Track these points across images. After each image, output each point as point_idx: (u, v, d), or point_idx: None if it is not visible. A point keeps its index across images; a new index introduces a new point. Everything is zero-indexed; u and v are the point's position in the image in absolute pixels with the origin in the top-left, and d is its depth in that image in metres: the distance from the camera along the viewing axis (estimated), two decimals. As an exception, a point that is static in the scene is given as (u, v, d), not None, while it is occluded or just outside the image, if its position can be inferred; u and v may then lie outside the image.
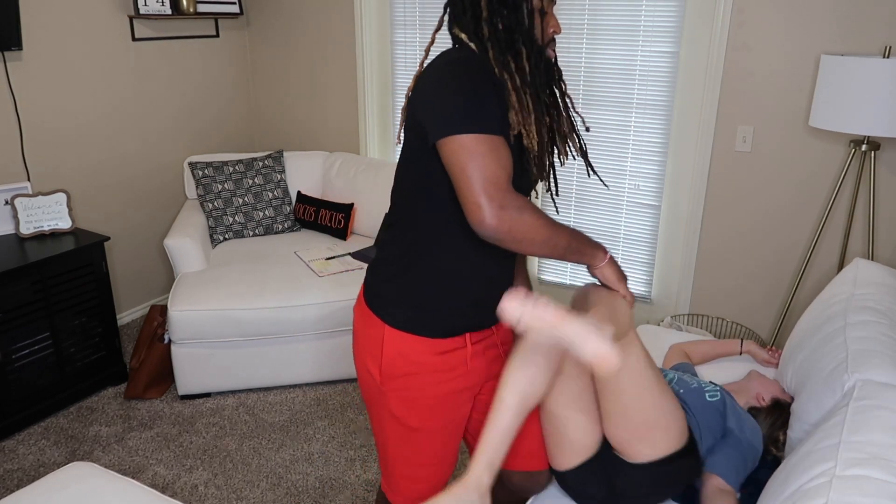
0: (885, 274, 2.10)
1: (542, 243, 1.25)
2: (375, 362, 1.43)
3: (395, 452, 1.50)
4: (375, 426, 1.53)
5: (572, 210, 3.44)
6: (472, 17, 1.29)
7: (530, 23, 1.31)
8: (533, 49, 1.32)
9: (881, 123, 2.31)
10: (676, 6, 2.94)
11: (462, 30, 1.32)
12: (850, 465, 1.23)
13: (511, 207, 1.18)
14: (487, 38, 1.28)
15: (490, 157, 1.18)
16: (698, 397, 1.76)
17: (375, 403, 1.48)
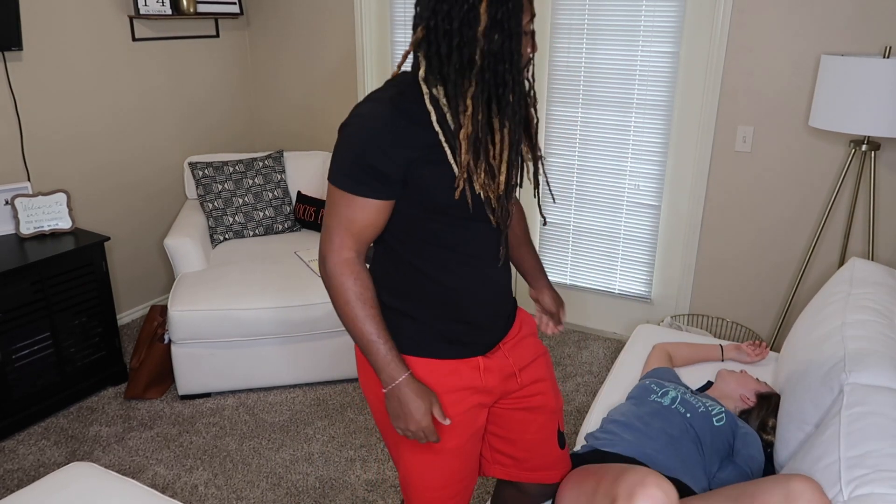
0: (883, 273, 2.10)
1: (341, 317, 1.32)
2: (375, 390, 1.43)
3: (421, 477, 1.47)
4: (394, 452, 1.50)
5: (572, 210, 3.44)
6: (458, 45, 1.19)
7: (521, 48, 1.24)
8: (519, 76, 1.25)
9: (881, 123, 2.31)
10: (676, 6, 2.94)
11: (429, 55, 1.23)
12: (855, 486, 1.24)
13: (329, 271, 1.30)
14: (476, 72, 1.20)
15: (337, 213, 1.27)
16: (706, 422, 1.75)
17: (392, 430, 1.46)
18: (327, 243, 1.29)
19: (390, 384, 1.32)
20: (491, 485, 2.44)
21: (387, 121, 1.22)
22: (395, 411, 1.34)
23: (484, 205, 1.30)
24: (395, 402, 1.33)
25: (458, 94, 1.22)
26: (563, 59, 3.25)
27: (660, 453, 1.64)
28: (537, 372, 1.56)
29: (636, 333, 2.58)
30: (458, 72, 1.21)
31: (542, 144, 3.42)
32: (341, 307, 1.31)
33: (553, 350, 3.36)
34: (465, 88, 1.22)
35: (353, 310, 1.30)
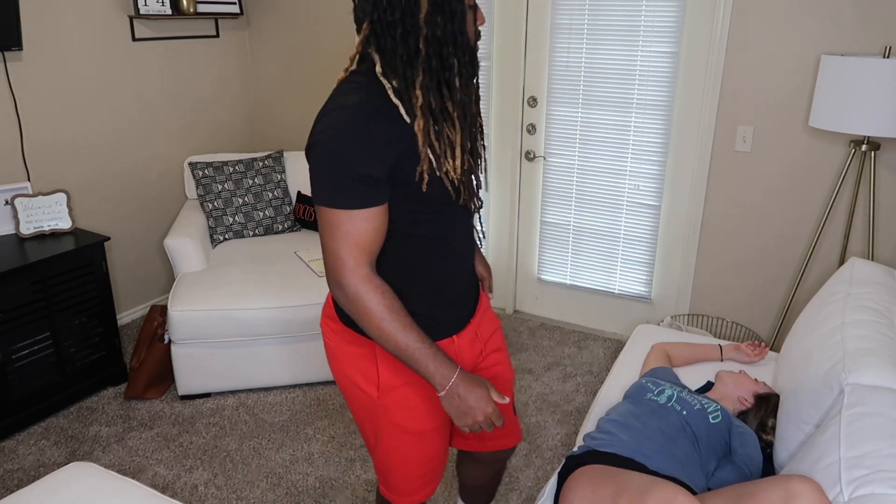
0: (883, 273, 2.10)
1: (376, 336, 1.28)
2: (370, 380, 1.43)
3: (400, 458, 1.51)
4: (373, 438, 1.52)
5: (572, 210, 3.44)
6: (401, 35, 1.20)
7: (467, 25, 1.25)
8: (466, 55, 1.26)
9: (881, 123, 2.31)
10: (676, 6, 2.94)
11: (380, 50, 1.23)
12: (855, 486, 1.24)
13: (352, 294, 1.25)
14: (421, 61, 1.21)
15: (342, 233, 1.23)
16: (702, 420, 1.75)
17: (373, 417, 1.48)
18: (340, 266, 1.25)
19: (447, 385, 1.30)
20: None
21: (362, 126, 1.20)
22: (458, 409, 1.32)
23: (453, 189, 1.31)
24: (456, 401, 1.31)
25: (408, 86, 1.23)
26: (563, 59, 3.25)
27: (657, 452, 1.64)
28: (496, 343, 1.62)
29: (636, 333, 2.57)
30: (405, 63, 1.22)
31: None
32: (376, 326, 1.27)
33: (553, 350, 3.36)
34: (414, 78, 1.22)
35: (388, 324, 1.27)
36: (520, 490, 2.41)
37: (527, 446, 2.64)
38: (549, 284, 3.65)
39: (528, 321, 3.67)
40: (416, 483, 1.56)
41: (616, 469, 1.56)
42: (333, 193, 1.22)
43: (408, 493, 1.57)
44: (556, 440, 2.68)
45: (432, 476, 1.58)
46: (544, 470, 2.51)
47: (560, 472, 1.70)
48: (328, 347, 1.49)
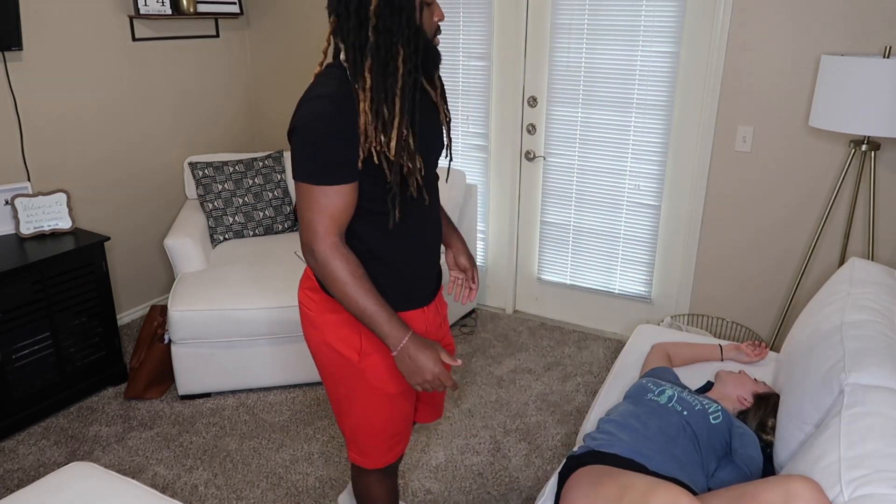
0: (883, 273, 2.10)
1: (339, 298, 1.44)
2: (350, 345, 1.55)
3: (372, 420, 1.63)
4: (346, 404, 1.63)
5: (572, 210, 3.44)
6: (355, 24, 1.35)
7: (416, 17, 1.38)
8: (418, 45, 1.39)
9: (881, 123, 2.31)
10: (676, 6, 2.94)
11: (342, 39, 1.38)
12: (855, 486, 1.24)
13: (321, 257, 1.41)
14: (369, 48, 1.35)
15: (316, 206, 1.39)
16: (703, 420, 1.75)
17: (350, 381, 1.58)
18: (312, 233, 1.40)
19: (398, 346, 1.44)
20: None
21: (338, 114, 1.35)
22: (408, 368, 1.46)
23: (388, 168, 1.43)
24: (407, 360, 1.45)
25: (357, 71, 1.37)
26: (563, 59, 3.25)
27: (657, 453, 1.64)
28: (446, 322, 1.79)
29: (636, 333, 2.58)
30: (356, 49, 1.36)
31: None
32: (340, 288, 1.42)
33: (553, 350, 3.36)
34: (363, 63, 1.36)
35: (351, 288, 1.42)
36: (520, 490, 2.41)
37: (527, 446, 2.64)
38: (549, 284, 3.65)
39: (528, 321, 3.67)
40: (387, 444, 1.68)
41: (617, 469, 1.56)
42: (311, 171, 1.38)
43: (380, 455, 1.69)
44: (556, 440, 2.68)
45: (402, 437, 1.70)
46: (544, 470, 2.51)
47: (560, 473, 1.70)
48: (307, 317, 1.59)
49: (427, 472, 2.50)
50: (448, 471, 2.50)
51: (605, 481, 1.53)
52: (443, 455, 2.59)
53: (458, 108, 3.60)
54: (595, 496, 1.51)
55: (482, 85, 3.50)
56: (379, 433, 1.65)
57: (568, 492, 1.59)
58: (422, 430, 2.73)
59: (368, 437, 1.66)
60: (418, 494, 2.38)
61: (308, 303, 1.59)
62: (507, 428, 2.75)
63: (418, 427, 2.75)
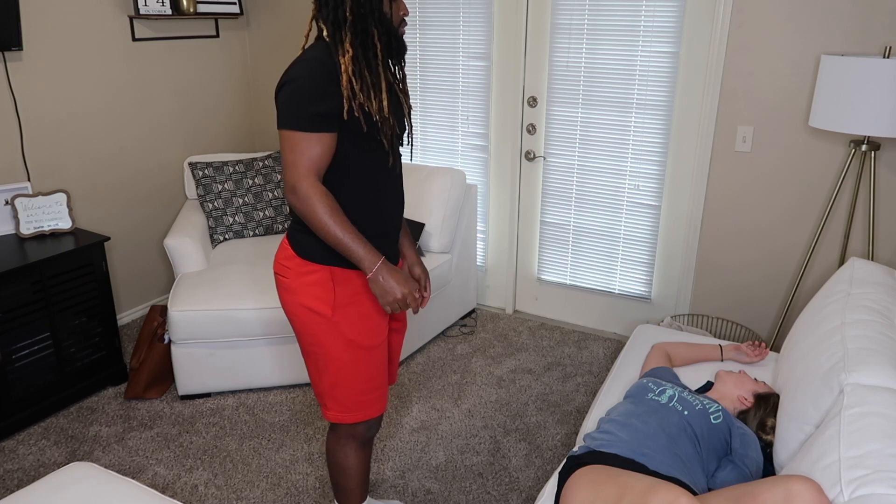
0: (883, 273, 2.10)
1: (319, 229, 1.60)
2: (325, 300, 1.70)
3: (353, 375, 1.77)
4: (323, 360, 1.76)
5: (572, 210, 3.44)
6: (332, 6, 1.58)
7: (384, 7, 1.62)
8: (385, 29, 1.63)
9: (881, 123, 2.31)
10: (676, 6, 2.94)
11: (323, 20, 1.61)
12: (855, 486, 1.24)
13: (303, 194, 1.58)
14: (348, 25, 1.58)
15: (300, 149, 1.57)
16: (703, 420, 1.75)
17: (326, 337, 1.73)
18: (296, 173, 1.57)
19: (373, 268, 1.63)
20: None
21: (321, 74, 1.56)
22: (381, 289, 1.65)
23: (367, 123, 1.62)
24: (381, 280, 1.64)
25: (337, 42, 1.59)
26: (563, 59, 3.25)
27: (658, 453, 1.64)
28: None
29: (636, 333, 2.58)
30: (335, 26, 1.59)
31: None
32: (320, 219, 1.58)
33: (553, 350, 3.36)
34: (345, 38, 1.59)
35: (330, 219, 1.59)
36: (520, 490, 2.41)
37: (527, 446, 2.64)
38: (548, 284, 3.65)
39: (528, 321, 3.67)
40: (367, 397, 1.80)
41: (617, 469, 1.56)
42: (297, 120, 1.56)
43: (361, 409, 1.81)
44: (556, 440, 2.68)
45: (380, 393, 1.83)
46: (544, 470, 2.51)
47: (560, 472, 1.70)
48: (284, 286, 1.74)
49: (427, 472, 2.50)
50: (448, 471, 2.50)
51: (605, 481, 1.53)
52: (443, 455, 2.59)
53: (458, 108, 3.60)
54: (595, 496, 1.51)
55: (482, 85, 3.50)
56: (358, 385, 1.78)
57: (568, 492, 1.59)
58: (422, 431, 2.73)
59: (348, 390, 1.78)
60: (418, 494, 2.38)
61: (284, 271, 1.74)
62: (507, 428, 2.75)
63: (418, 427, 2.75)
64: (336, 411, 1.81)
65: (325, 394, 1.81)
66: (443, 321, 3.45)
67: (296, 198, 1.58)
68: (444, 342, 3.44)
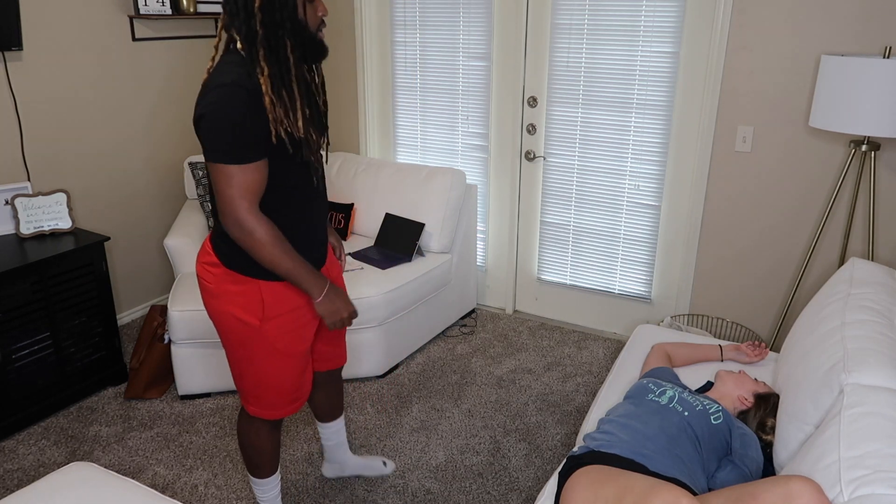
0: (883, 273, 2.10)
1: (266, 260, 1.62)
2: (253, 311, 1.72)
3: (274, 377, 1.82)
4: (246, 363, 1.80)
5: (572, 210, 3.44)
6: (244, 19, 1.52)
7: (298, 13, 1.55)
8: (302, 38, 1.57)
9: (881, 123, 2.31)
10: (676, 6, 2.94)
11: (237, 32, 1.55)
12: (855, 486, 1.24)
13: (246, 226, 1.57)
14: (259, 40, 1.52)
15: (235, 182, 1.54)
16: (704, 420, 1.75)
17: (251, 344, 1.76)
18: (237, 207, 1.56)
19: (322, 291, 1.71)
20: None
21: (241, 100, 1.50)
22: (330, 308, 1.73)
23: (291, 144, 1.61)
24: (329, 302, 1.72)
25: (253, 59, 1.53)
26: (563, 59, 3.25)
27: (658, 453, 1.64)
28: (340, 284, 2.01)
29: (636, 333, 2.58)
30: (248, 41, 1.53)
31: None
32: (268, 251, 1.60)
33: (553, 350, 3.36)
34: (257, 53, 1.53)
35: (274, 249, 1.61)
36: (520, 490, 2.41)
37: (527, 446, 2.64)
38: (548, 284, 3.65)
39: (528, 321, 3.67)
40: (287, 397, 1.87)
41: (617, 470, 1.56)
42: (227, 152, 1.52)
43: (279, 407, 1.88)
44: (556, 440, 2.68)
45: (300, 393, 1.90)
46: (544, 470, 2.51)
47: (560, 473, 1.70)
48: (207, 289, 1.75)
49: (427, 472, 2.50)
50: (448, 471, 2.50)
51: (605, 481, 1.53)
52: (443, 455, 2.59)
53: (458, 108, 3.60)
54: (595, 496, 1.51)
55: (482, 85, 3.50)
56: (282, 388, 1.84)
57: (568, 492, 1.59)
58: (422, 431, 2.73)
59: (272, 393, 1.84)
60: (418, 494, 2.38)
61: (207, 276, 1.74)
62: (507, 428, 2.75)
63: (418, 427, 2.75)
64: (257, 407, 1.87)
65: (246, 392, 1.86)
66: (443, 321, 3.45)
67: (240, 231, 1.58)
68: (444, 342, 3.44)
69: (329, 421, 2.29)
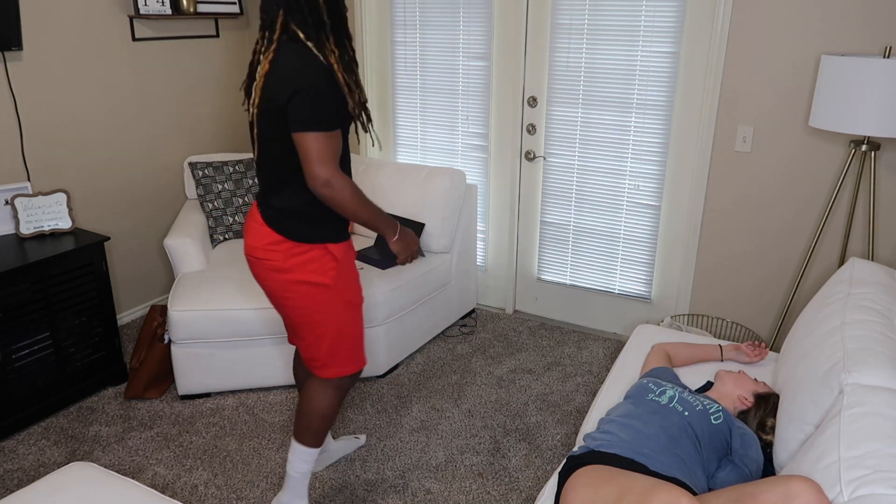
0: (883, 273, 2.10)
1: (351, 212, 1.84)
2: (326, 273, 1.92)
3: (353, 329, 2.01)
4: (325, 326, 1.96)
5: (572, 210, 3.44)
6: (309, 12, 1.75)
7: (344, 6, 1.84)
8: (347, 27, 1.84)
9: (881, 123, 2.31)
10: (676, 6, 2.94)
11: (300, 24, 1.76)
12: (855, 486, 1.24)
13: (338, 185, 1.78)
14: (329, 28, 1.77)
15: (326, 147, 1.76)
16: (704, 420, 1.75)
17: (326, 304, 1.94)
18: (329, 169, 1.76)
19: (397, 230, 1.98)
20: (491, 485, 2.44)
21: (328, 77, 1.76)
22: (403, 245, 2.00)
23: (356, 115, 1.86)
24: (402, 239, 2.00)
25: (323, 46, 1.78)
26: (563, 59, 3.25)
27: (658, 453, 1.64)
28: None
29: (636, 333, 2.58)
30: (316, 30, 1.77)
31: (546, 141, 3.43)
32: (354, 202, 1.82)
33: (553, 350, 3.36)
34: (326, 41, 1.78)
35: (360, 199, 1.84)
36: (520, 490, 2.41)
37: (527, 446, 2.64)
38: (548, 284, 3.65)
39: (528, 321, 3.67)
40: (362, 347, 2.07)
41: (617, 470, 1.56)
42: (321, 121, 1.74)
43: (358, 358, 2.07)
44: (556, 440, 2.68)
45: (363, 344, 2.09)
46: (544, 470, 2.51)
47: (560, 473, 1.70)
48: (278, 268, 1.90)
49: (427, 472, 2.50)
50: (448, 471, 2.50)
51: (605, 481, 1.53)
52: (443, 455, 2.59)
53: (458, 108, 3.60)
54: (595, 496, 1.51)
55: (482, 85, 3.50)
56: (357, 339, 2.04)
57: (568, 492, 1.59)
58: (422, 431, 2.73)
59: (350, 344, 2.02)
60: (418, 494, 2.38)
61: (273, 255, 1.90)
62: (507, 428, 2.75)
63: (418, 427, 2.75)
64: (338, 368, 2.03)
65: (323, 356, 2.00)
66: (443, 321, 3.45)
67: (331, 190, 1.78)
68: (444, 342, 3.44)
69: None
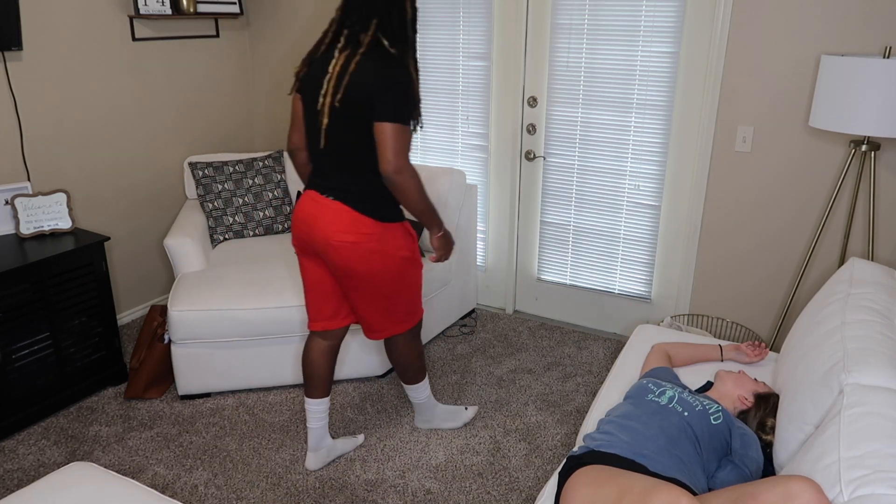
0: (883, 273, 2.10)
1: (416, 200, 2.09)
2: (410, 245, 2.22)
3: (418, 288, 2.32)
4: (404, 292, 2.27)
5: (572, 210, 3.44)
6: (399, 28, 2.06)
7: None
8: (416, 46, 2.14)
9: (881, 123, 2.31)
10: (676, 6, 2.94)
11: (390, 36, 2.05)
12: (855, 486, 1.24)
13: (411, 175, 2.05)
14: (410, 43, 2.09)
15: (404, 139, 2.03)
16: (703, 421, 1.75)
17: (410, 272, 2.25)
18: (403, 159, 2.03)
19: (444, 226, 2.24)
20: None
21: (412, 79, 2.05)
22: (445, 242, 2.27)
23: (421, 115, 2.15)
24: (446, 239, 2.26)
25: (405, 55, 2.08)
26: (563, 59, 3.25)
27: (658, 453, 1.64)
28: None
29: (636, 333, 2.58)
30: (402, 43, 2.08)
31: (547, 138, 3.42)
32: (421, 190, 2.09)
33: (553, 350, 3.36)
34: (409, 51, 2.10)
35: (424, 191, 2.10)
36: (520, 490, 2.41)
37: (527, 446, 2.64)
38: (548, 284, 3.65)
39: (528, 321, 3.67)
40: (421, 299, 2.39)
41: (617, 470, 1.56)
42: (403, 116, 2.01)
43: (420, 308, 2.38)
44: (556, 440, 2.68)
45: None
46: (544, 470, 2.51)
47: (560, 473, 1.70)
48: (370, 251, 2.13)
49: (427, 472, 2.50)
50: (448, 471, 2.50)
51: (605, 481, 1.53)
52: (443, 455, 2.59)
53: (458, 108, 3.60)
54: (595, 496, 1.51)
55: (482, 85, 3.50)
56: (420, 291, 2.35)
57: (568, 492, 1.59)
58: (422, 431, 2.73)
59: (419, 297, 2.35)
60: (418, 494, 2.38)
61: (366, 239, 2.12)
62: (507, 428, 2.75)
63: (418, 427, 2.75)
64: (413, 318, 2.36)
65: (401, 316, 2.32)
66: (443, 321, 3.45)
67: (402, 177, 2.03)
68: (444, 342, 3.44)
69: (323, 396, 2.46)
